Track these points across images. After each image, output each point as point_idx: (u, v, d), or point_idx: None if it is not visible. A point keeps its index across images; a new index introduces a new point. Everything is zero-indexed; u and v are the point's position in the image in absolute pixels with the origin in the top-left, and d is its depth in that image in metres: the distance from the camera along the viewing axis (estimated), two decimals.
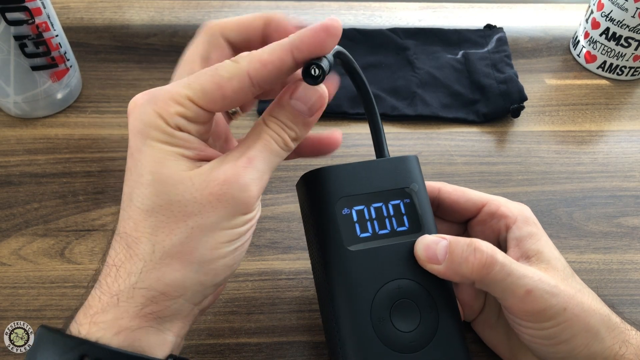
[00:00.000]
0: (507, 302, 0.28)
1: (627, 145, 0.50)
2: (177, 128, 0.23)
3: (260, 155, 0.24)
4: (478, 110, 0.51)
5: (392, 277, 0.28)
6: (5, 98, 0.46)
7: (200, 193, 0.23)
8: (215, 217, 0.23)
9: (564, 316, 0.27)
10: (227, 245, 0.24)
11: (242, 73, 0.23)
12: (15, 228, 0.41)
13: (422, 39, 0.58)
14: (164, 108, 0.23)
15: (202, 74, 0.24)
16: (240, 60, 0.23)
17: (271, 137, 0.25)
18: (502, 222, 0.32)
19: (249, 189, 0.24)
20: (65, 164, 0.45)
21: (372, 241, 0.29)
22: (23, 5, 0.41)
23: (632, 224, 0.44)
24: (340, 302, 0.28)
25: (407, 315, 0.28)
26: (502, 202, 0.33)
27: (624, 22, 0.51)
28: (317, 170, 0.29)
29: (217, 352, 0.35)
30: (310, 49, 0.23)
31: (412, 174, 0.31)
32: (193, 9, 0.60)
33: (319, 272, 0.29)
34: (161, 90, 0.24)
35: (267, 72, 0.23)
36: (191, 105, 0.23)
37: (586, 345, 0.28)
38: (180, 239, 0.23)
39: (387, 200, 0.30)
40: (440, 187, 0.34)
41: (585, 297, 0.28)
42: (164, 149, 0.23)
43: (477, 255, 0.27)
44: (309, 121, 0.26)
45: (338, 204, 0.29)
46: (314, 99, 0.25)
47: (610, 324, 0.28)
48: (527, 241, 0.30)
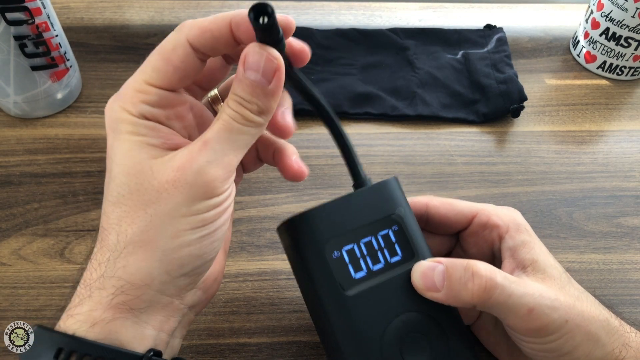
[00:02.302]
0: (509, 322, 0.28)
1: (627, 145, 0.50)
2: (142, 117, 0.24)
3: (217, 136, 0.24)
4: (478, 110, 0.51)
5: (395, 314, 0.27)
6: (5, 98, 0.46)
7: (158, 180, 0.23)
8: (172, 203, 0.23)
9: (566, 328, 0.27)
10: (190, 233, 0.24)
11: (182, 40, 0.24)
12: (15, 228, 0.41)
13: (422, 39, 0.58)
14: (128, 100, 0.24)
15: (151, 56, 0.25)
16: (182, 28, 0.24)
17: (229, 115, 0.24)
18: (495, 233, 0.31)
19: (206, 173, 0.23)
20: (65, 164, 0.45)
21: (369, 280, 0.28)
22: (23, 5, 0.41)
23: (632, 224, 0.44)
24: (349, 350, 0.27)
25: (417, 348, 0.27)
26: (492, 210, 0.32)
27: (624, 22, 0.51)
28: (298, 216, 0.28)
29: (217, 352, 0.35)
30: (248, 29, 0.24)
31: (395, 199, 0.29)
32: (193, 9, 0.60)
33: (321, 319, 0.28)
34: (124, 85, 0.25)
35: (205, 38, 0.24)
36: (151, 89, 0.24)
37: (588, 354, 0.27)
38: (140, 228, 0.23)
39: (375, 232, 0.28)
40: (428, 202, 0.33)
41: (584, 304, 0.28)
42: (130, 140, 0.24)
43: (475, 280, 0.26)
44: (269, 90, 0.24)
45: (327, 248, 0.27)
46: (262, 63, 0.24)
47: (609, 328, 0.28)
48: (521, 250, 0.30)
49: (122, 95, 0.24)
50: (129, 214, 0.23)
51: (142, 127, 0.24)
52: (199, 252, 0.25)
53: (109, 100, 0.25)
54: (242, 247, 0.40)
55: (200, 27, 0.24)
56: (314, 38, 0.57)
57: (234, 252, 0.40)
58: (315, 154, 0.47)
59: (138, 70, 0.25)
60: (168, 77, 0.24)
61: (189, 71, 0.25)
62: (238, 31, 0.24)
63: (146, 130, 0.24)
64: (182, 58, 0.24)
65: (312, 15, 0.61)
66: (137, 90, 0.24)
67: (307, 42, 0.27)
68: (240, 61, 0.24)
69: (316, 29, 0.58)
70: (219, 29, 0.24)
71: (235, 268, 0.39)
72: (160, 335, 0.25)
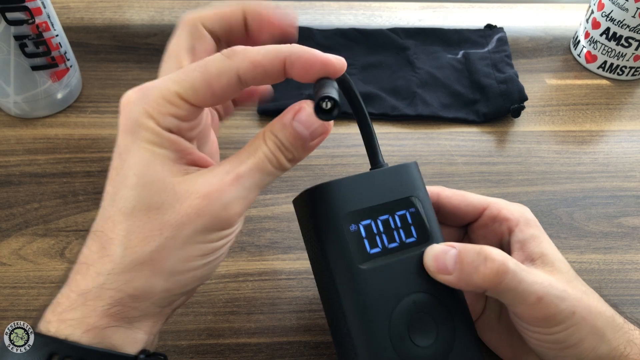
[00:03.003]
0: (517, 309, 0.28)
1: (628, 145, 0.50)
2: (168, 129, 0.23)
3: (250, 173, 0.24)
4: (478, 110, 0.51)
5: (407, 293, 0.28)
6: (5, 98, 0.46)
7: (180, 204, 0.23)
8: (190, 230, 0.23)
9: (572, 320, 0.27)
10: (199, 259, 0.24)
11: (231, 71, 0.23)
12: (15, 228, 0.41)
13: (422, 38, 0.58)
14: (156, 108, 0.23)
15: (192, 71, 0.23)
16: (232, 57, 0.23)
17: (266, 156, 0.24)
18: (505, 226, 0.32)
19: (231, 207, 0.23)
20: (65, 164, 0.45)
21: (383, 257, 0.28)
22: (23, 5, 0.41)
23: (632, 224, 0.44)
24: (357, 323, 0.27)
25: (425, 329, 0.27)
26: (503, 204, 0.32)
27: (625, 22, 0.51)
28: (318, 186, 0.28)
29: (217, 352, 0.35)
30: (304, 68, 0.24)
31: (414, 182, 0.30)
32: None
33: (329, 292, 0.28)
34: (152, 87, 0.23)
35: (255, 74, 0.23)
36: (182, 104, 0.23)
37: (593, 348, 0.27)
38: (152, 248, 0.23)
39: (392, 211, 0.29)
40: (439, 192, 0.33)
41: (590, 299, 0.28)
42: (152, 151, 0.23)
43: (488, 264, 0.26)
44: (309, 146, 0.25)
45: (345, 220, 0.28)
46: (316, 125, 0.24)
47: (615, 325, 0.28)
48: (531, 244, 0.30)
49: (149, 98, 0.23)
50: (142, 230, 0.23)
51: (165, 141, 0.23)
52: (202, 275, 0.25)
53: (131, 97, 0.24)
54: (242, 247, 0.40)
55: (252, 61, 0.23)
56: (314, 38, 0.57)
57: (234, 252, 0.40)
58: (315, 154, 0.47)
59: (173, 79, 0.23)
60: (203, 99, 0.23)
61: (225, 98, 0.24)
62: (292, 69, 0.24)
63: (169, 144, 0.23)
64: (225, 87, 0.23)
65: (312, 15, 0.61)
66: (167, 101, 0.23)
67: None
68: (291, 109, 0.24)
69: (316, 28, 0.58)
70: (272, 65, 0.23)
71: (235, 268, 0.39)
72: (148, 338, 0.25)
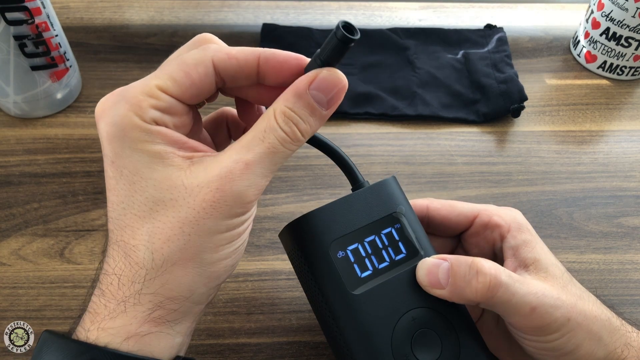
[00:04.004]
0: (512, 320, 0.28)
1: (628, 145, 0.50)
2: (154, 122, 0.23)
3: (260, 159, 0.23)
4: (478, 110, 0.51)
5: (404, 310, 0.27)
6: (5, 98, 0.46)
7: (194, 199, 0.23)
8: (210, 223, 0.23)
9: (568, 327, 0.27)
10: (227, 247, 0.24)
11: (207, 59, 0.23)
12: (15, 228, 0.41)
13: (422, 38, 0.58)
14: (136, 103, 0.23)
15: (168, 64, 0.24)
16: (207, 48, 0.24)
17: (278, 138, 0.23)
18: (496, 232, 0.31)
19: (245, 196, 0.23)
20: (65, 164, 0.45)
21: (375, 278, 0.28)
22: (23, 5, 0.41)
23: (632, 224, 0.44)
24: (359, 350, 0.27)
25: (428, 344, 0.27)
26: (494, 211, 0.32)
27: (624, 22, 0.51)
28: (300, 218, 0.28)
29: (217, 352, 0.35)
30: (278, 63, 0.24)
31: (394, 197, 0.30)
32: (193, 9, 0.60)
33: (328, 320, 0.28)
34: (129, 87, 0.23)
35: (230, 65, 0.24)
36: (163, 95, 0.23)
37: (591, 353, 0.27)
38: (178, 247, 0.23)
39: (378, 230, 0.29)
40: (428, 204, 0.33)
41: (586, 303, 0.28)
42: (146, 150, 0.23)
43: (480, 278, 0.26)
44: (324, 115, 0.24)
45: (331, 248, 0.28)
46: (336, 90, 0.24)
47: (611, 327, 0.28)
48: (523, 249, 0.30)
49: (128, 97, 0.23)
50: (163, 231, 0.23)
51: (155, 135, 0.23)
52: (233, 262, 0.25)
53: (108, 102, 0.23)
54: None
55: (227, 52, 0.24)
56: (314, 38, 0.57)
57: None
58: (315, 154, 0.47)
59: (150, 76, 0.23)
60: (183, 90, 0.23)
61: (204, 91, 0.24)
62: (266, 66, 0.24)
63: (160, 137, 0.23)
64: (202, 76, 0.23)
65: (312, 15, 0.61)
66: (147, 94, 0.23)
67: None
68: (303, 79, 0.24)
69: (316, 29, 0.58)
70: (246, 59, 0.24)
71: None
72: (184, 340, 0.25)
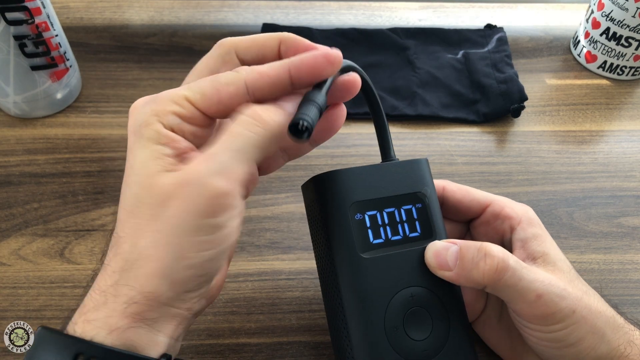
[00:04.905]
0: (517, 306, 0.28)
1: (628, 145, 0.50)
2: (170, 128, 0.24)
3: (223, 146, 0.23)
4: (478, 110, 0.51)
5: (405, 285, 0.28)
6: (5, 98, 0.46)
7: (166, 196, 0.23)
8: (175, 220, 0.23)
9: (572, 319, 0.27)
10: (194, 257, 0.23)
11: (239, 80, 0.24)
12: (15, 228, 0.41)
13: (422, 38, 0.58)
14: (161, 107, 0.24)
15: (202, 80, 0.25)
16: (240, 70, 0.24)
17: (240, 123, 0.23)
18: (507, 224, 0.32)
19: (209, 184, 0.22)
20: (65, 164, 0.45)
21: (385, 248, 0.28)
22: (23, 5, 0.41)
23: (632, 224, 0.44)
24: (353, 310, 0.27)
25: (420, 323, 0.28)
26: (506, 202, 0.33)
27: (625, 22, 0.51)
28: (329, 173, 0.29)
29: (217, 352, 0.35)
30: (308, 70, 0.24)
31: (424, 178, 0.30)
32: (193, 9, 0.60)
33: (329, 278, 0.29)
34: (163, 93, 0.25)
35: (262, 83, 0.24)
36: (188, 105, 0.24)
37: (593, 348, 0.27)
38: (149, 243, 0.23)
39: (399, 205, 0.29)
40: (445, 185, 0.33)
41: (591, 299, 0.28)
42: (150, 148, 0.23)
43: (488, 260, 0.27)
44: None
45: (351, 208, 0.28)
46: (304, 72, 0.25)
47: (615, 325, 0.28)
48: (532, 243, 0.30)
49: (157, 100, 0.24)
50: (141, 226, 0.23)
51: (164, 137, 0.23)
52: (201, 273, 0.24)
53: (141, 102, 0.25)
54: (242, 247, 0.40)
55: (259, 71, 0.24)
56: (314, 38, 0.57)
57: (234, 253, 0.40)
58: (315, 154, 0.47)
59: (184, 87, 0.24)
60: (209, 106, 0.24)
61: (231, 108, 0.24)
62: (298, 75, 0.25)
63: (168, 140, 0.23)
64: (232, 95, 0.24)
65: (312, 15, 0.61)
66: (173, 101, 0.24)
67: None
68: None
69: (316, 28, 0.58)
70: (278, 73, 0.24)
71: (235, 268, 0.39)
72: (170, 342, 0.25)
